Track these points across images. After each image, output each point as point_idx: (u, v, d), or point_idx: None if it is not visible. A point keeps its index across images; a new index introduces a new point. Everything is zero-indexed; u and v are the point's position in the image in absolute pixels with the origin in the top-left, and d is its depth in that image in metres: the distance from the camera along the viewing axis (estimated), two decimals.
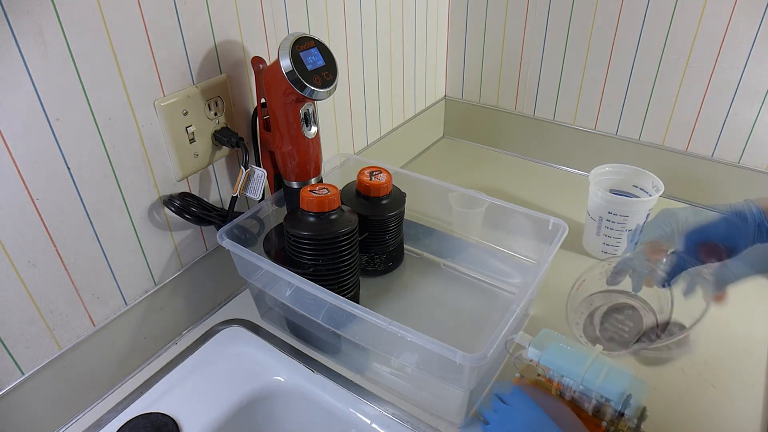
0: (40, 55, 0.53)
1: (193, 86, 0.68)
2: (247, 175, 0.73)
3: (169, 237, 0.73)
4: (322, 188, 0.70)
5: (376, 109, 1.07)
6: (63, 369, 0.64)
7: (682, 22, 0.95)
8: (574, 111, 1.14)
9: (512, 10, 1.12)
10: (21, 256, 0.57)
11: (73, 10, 0.54)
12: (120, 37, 0.59)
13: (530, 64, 1.15)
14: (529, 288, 0.65)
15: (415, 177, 0.85)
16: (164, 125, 0.66)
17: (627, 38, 1.01)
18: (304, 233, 0.67)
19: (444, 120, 1.35)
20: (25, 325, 0.59)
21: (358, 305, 0.59)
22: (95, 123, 0.59)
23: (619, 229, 0.87)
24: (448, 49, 1.26)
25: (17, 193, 0.55)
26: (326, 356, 0.73)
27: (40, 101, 0.54)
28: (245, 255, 0.67)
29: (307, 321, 0.70)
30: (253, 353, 0.74)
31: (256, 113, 0.74)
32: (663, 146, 1.07)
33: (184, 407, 0.66)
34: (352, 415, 0.67)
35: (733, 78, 0.94)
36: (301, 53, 0.65)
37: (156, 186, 0.68)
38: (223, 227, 0.70)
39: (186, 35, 0.66)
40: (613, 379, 0.53)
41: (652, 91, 1.03)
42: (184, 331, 0.78)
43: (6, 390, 0.59)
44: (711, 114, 0.99)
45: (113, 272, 0.67)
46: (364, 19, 0.94)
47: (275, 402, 0.70)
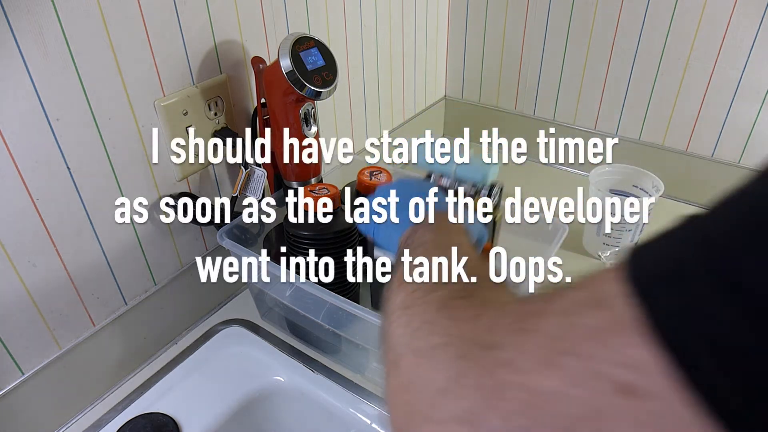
0: (40, 55, 0.53)
1: (193, 86, 0.68)
2: (247, 175, 0.73)
3: (169, 237, 0.73)
4: (322, 188, 0.70)
5: (376, 109, 1.07)
6: (63, 369, 0.64)
7: (682, 22, 0.95)
8: (574, 111, 1.14)
9: (512, 10, 1.12)
10: (21, 256, 0.57)
11: (73, 10, 0.54)
12: (120, 37, 0.59)
13: (530, 64, 1.15)
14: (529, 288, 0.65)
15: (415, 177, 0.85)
16: (164, 125, 0.66)
17: (627, 38, 1.01)
18: (304, 233, 0.67)
19: (444, 120, 1.35)
20: (25, 325, 0.59)
21: (358, 305, 0.59)
22: (95, 123, 0.59)
23: (619, 229, 0.87)
24: (448, 49, 1.25)
25: (17, 193, 0.55)
26: (326, 356, 0.73)
27: (40, 101, 0.54)
28: (245, 255, 0.67)
29: (307, 321, 0.70)
30: (253, 353, 0.74)
31: (256, 113, 0.74)
32: (663, 146, 1.07)
33: (184, 407, 0.66)
34: (352, 415, 0.67)
35: (733, 78, 0.94)
36: (301, 53, 0.65)
37: (156, 186, 0.68)
38: (223, 227, 0.70)
39: (186, 35, 0.66)
40: (474, 164, 0.61)
41: (652, 91, 1.03)
42: (184, 331, 0.78)
43: (6, 390, 0.59)
44: (711, 114, 0.99)
45: (113, 272, 0.67)
46: (364, 19, 0.94)
47: (275, 402, 0.70)
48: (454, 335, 0.27)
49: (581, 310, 0.21)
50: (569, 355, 0.21)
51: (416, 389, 0.26)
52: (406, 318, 0.31)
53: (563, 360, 0.21)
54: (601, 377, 0.19)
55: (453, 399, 0.24)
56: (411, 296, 0.32)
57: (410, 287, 0.33)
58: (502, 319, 0.25)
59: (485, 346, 0.24)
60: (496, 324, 0.25)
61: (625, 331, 0.19)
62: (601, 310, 0.20)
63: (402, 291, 0.33)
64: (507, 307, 0.26)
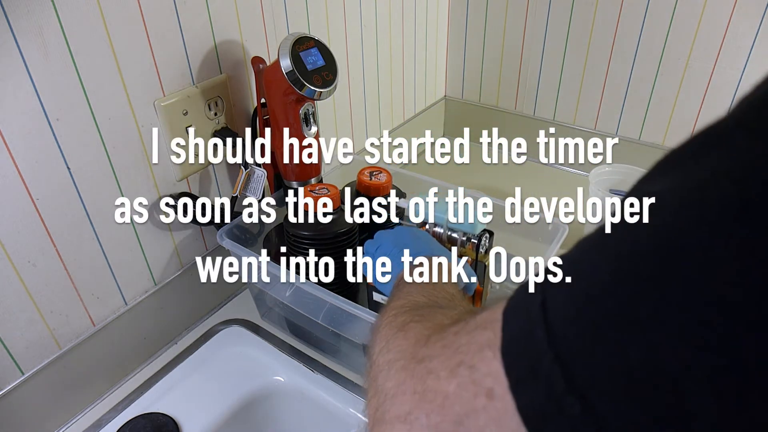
0: (40, 55, 0.53)
1: (193, 86, 0.68)
2: (247, 175, 0.73)
3: (169, 237, 0.73)
4: (322, 188, 0.70)
5: (376, 109, 1.07)
6: (63, 369, 0.64)
7: (682, 22, 0.95)
8: (574, 111, 1.14)
9: (512, 10, 1.12)
10: (21, 256, 0.57)
11: (73, 10, 0.54)
12: (120, 37, 0.59)
13: (530, 64, 1.15)
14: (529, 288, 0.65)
15: (415, 177, 0.85)
16: (164, 125, 0.66)
17: (627, 38, 1.01)
18: (304, 233, 0.67)
19: (444, 120, 1.35)
20: (25, 325, 0.59)
21: (358, 305, 0.59)
22: (95, 123, 0.59)
23: None
24: (448, 49, 1.26)
25: (17, 193, 0.55)
26: (326, 356, 0.73)
27: (40, 101, 0.54)
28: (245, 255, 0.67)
29: (307, 321, 0.70)
30: (253, 353, 0.74)
31: (256, 113, 0.74)
32: (663, 146, 1.07)
33: (184, 407, 0.66)
34: (352, 415, 0.67)
35: (733, 78, 0.94)
36: (301, 53, 0.65)
37: (156, 186, 0.68)
38: (223, 227, 0.70)
39: (186, 35, 0.66)
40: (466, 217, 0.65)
41: (652, 91, 1.03)
42: (184, 331, 0.78)
43: (6, 390, 0.59)
44: (711, 114, 0.99)
45: (113, 272, 0.67)
46: (364, 19, 0.94)
47: (275, 402, 0.70)
48: (402, 351, 0.33)
49: (478, 330, 0.27)
50: (463, 365, 0.26)
51: (378, 395, 0.32)
52: (377, 338, 0.37)
53: (459, 369, 0.26)
54: (477, 383, 0.25)
55: (398, 403, 0.30)
56: (384, 320, 0.39)
57: (388, 313, 0.40)
58: (435, 336, 0.31)
59: (420, 359, 0.30)
60: (430, 341, 0.31)
61: (493, 347, 0.25)
62: (486, 331, 0.26)
63: (381, 316, 0.40)
64: (443, 327, 0.32)
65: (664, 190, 0.21)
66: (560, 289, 0.23)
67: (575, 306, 0.22)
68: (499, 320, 0.26)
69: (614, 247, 0.22)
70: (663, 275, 0.19)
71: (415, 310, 0.38)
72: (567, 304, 0.22)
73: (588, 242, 0.24)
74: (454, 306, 0.41)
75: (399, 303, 0.41)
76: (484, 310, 0.29)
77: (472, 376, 0.25)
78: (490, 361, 0.25)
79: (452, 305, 0.41)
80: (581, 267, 0.23)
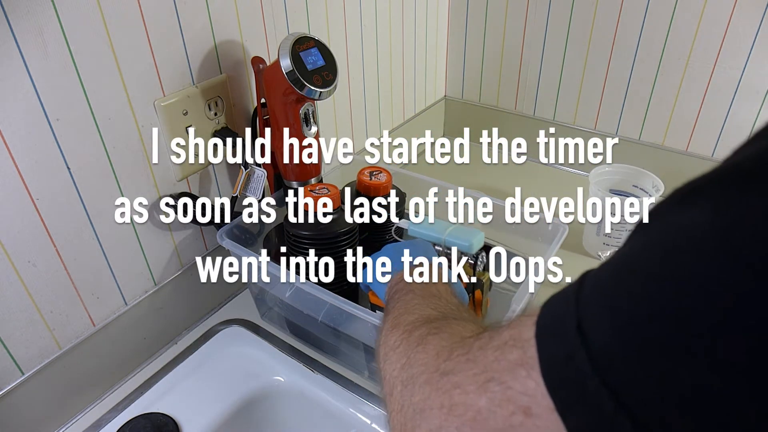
0: (40, 55, 0.53)
1: (193, 86, 0.68)
2: (247, 175, 0.73)
3: (169, 237, 0.73)
4: (322, 188, 0.70)
5: (376, 109, 1.07)
6: (63, 369, 0.64)
7: (682, 22, 0.95)
8: (574, 111, 1.14)
9: (512, 10, 1.12)
10: (21, 256, 0.57)
11: (73, 10, 0.54)
12: (120, 37, 0.59)
13: (530, 64, 1.15)
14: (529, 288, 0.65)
15: (415, 177, 0.85)
16: (164, 125, 0.66)
17: (627, 38, 1.01)
18: (304, 233, 0.67)
19: (444, 120, 1.35)
20: (25, 325, 0.59)
21: (358, 305, 0.59)
22: (95, 123, 0.59)
23: (619, 229, 0.87)
24: (448, 49, 1.26)
25: (17, 193, 0.55)
26: (326, 356, 0.73)
27: (40, 101, 0.54)
28: (245, 255, 0.67)
29: (307, 321, 0.70)
30: (253, 353, 0.74)
31: (256, 113, 0.74)
32: (663, 146, 1.07)
33: (184, 407, 0.66)
34: (352, 415, 0.67)
35: (733, 78, 0.94)
36: (301, 53, 0.65)
37: (156, 186, 0.68)
38: (223, 227, 0.70)
39: (186, 35, 0.66)
40: (461, 234, 0.66)
41: (652, 91, 1.03)
42: (184, 331, 0.78)
43: (6, 390, 0.59)
44: (711, 114, 0.99)
45: (113, 272, 0.67)
46: (364, 19, 0.94)
47: (275, 402, 0.70)
48: (424, 365, 0.34)
49: (507, 348, 0.28)
50: (494, 381, 0.27)
51: (404, 411, 0.33)
52: (395, 356, 0.38)
53: (489, 385, 0.27)
54: (512, 400, 0.26)
55: (427, 418, 0.31)
56: (399, 337, 0.39)
57: (400, 329, 0.40)
58: (458, 350, 0.32)
59: (444, 372, 0.31)
60: (453, 354, 0.32)
61: (527, 367, 0.26)
62: (517, 350, 0.27)
63: (393, 334, 0.40)
64: (465, 341, 0.32)
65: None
66: (596, 311, 0.24)
67: (617, 330, 0.22)
68: (531, 341, 0.26)
69: (659, 273, 0.22)
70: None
71: (430, 323, 0.39)
72: (608, 330, 0.23)
73: (621, 264, 0.24)
74: (464, 317, 0.42)
75: (411, 318, 0.41)
76: (507, 326, 0.29)
77: (506, 393, 0.26)
78: (524, 380, 0.26)
79: (463, 316, 0.42)
80: (618, 292, 0.23)
